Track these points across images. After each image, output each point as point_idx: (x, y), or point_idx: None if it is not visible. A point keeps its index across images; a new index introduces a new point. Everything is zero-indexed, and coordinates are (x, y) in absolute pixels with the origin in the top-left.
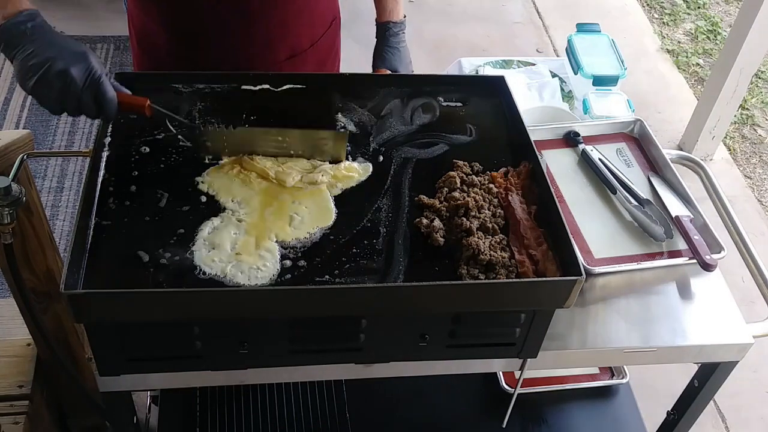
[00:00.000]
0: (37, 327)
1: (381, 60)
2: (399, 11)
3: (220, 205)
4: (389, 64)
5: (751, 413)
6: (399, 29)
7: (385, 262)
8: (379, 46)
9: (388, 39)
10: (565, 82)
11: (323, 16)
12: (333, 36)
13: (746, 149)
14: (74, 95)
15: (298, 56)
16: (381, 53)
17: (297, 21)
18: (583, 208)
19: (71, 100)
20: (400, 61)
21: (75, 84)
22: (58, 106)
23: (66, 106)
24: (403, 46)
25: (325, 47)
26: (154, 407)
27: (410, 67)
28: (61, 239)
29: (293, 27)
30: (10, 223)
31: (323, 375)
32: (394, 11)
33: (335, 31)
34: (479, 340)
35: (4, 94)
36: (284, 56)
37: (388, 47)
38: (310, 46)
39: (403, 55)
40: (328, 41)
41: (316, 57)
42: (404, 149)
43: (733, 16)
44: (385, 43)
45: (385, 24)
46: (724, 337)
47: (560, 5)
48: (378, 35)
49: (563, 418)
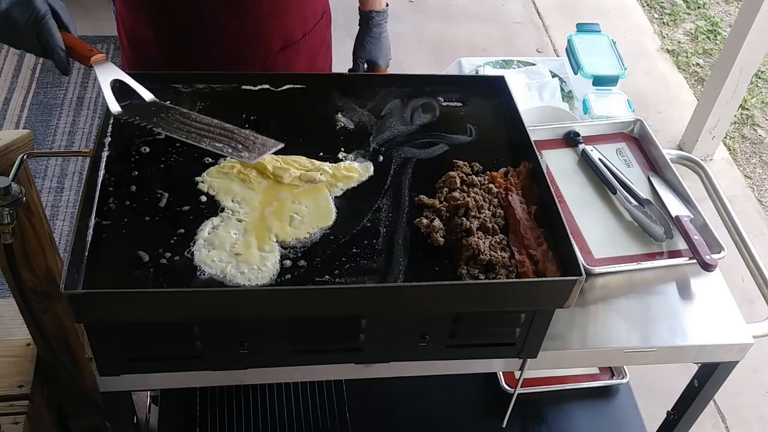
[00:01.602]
0: (37, 327)
1: (362, 50)
2: (382, 1)
3: (220, 205)
4: (369, 54)
5: (751, 413)
6: (381, 19)
7: (385, 262)
8: (361, 35)
9: (371, 29)
10: (565, 82)
11: (314, 8)
12: (324, 30)
13: (746, 149)
14: (17, 37)
15: (290, 48)
16: (362, 42)
17: (289, 9)
18: (583, 208)
19: (15, 41)
20: (379, 51)
21: (17, 24)
22: (10, 44)
23: (15, 45)
24: (385, 35)
25: (317, 40)
26: (154, 407)
27: (389, 57)
28: (61, 239)
29: (285, 16)
30: (10, 223)
31: (323, 375)
32: (377, 1)
33: (326, 25)
34: (479, 340)
35: (4, 94)
36: (277, 47)
37: (370, 37)
38: (302, 36)
39: (383, 45)
40: (319, 34)
41: (308, 49)
42: (404, 149)
43: (733, 16)
44: (367, 32)
45: (368, 13)
46: (724, 337)
47: (560, 5)
48: (360, 24)
49: (563, 418)
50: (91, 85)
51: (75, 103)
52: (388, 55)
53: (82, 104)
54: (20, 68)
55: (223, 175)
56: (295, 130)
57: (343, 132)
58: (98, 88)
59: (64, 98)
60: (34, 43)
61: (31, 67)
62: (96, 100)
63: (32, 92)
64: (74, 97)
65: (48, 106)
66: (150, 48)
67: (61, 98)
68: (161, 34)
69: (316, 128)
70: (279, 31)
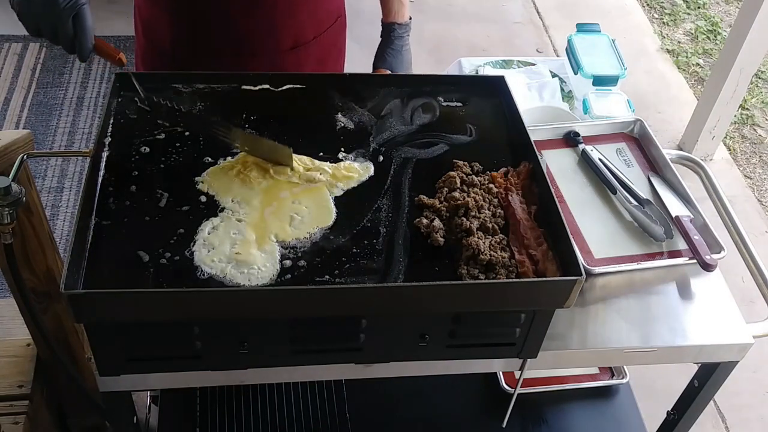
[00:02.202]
0: (37, 327)
1: (382, 61)
2: (404, 13)
3: (219, 205)
4: (389, 66)
5: (751, 413)
6: (404, 31)
7: (385, 262)
8: (382, 47)
9: (392, 41)
10: (565, 82)
11: (328, 11)
12: (336, 34)
13: (746, 149)
14: (53, 15)
15: (301, 48)
16: (383, 54)
17: (302, 9)
18: (583, 208)
19: (49, 20)
20: (400, 64)
21: (56, 3)
22: (36, 24)
23: (43, 25)
24: (406, 48)
25: (328, 43)
26: (154, 407)
27: (410, 71)
28: (61, 239)
29: (298, 16)
30: (10, 223)
31: (323, 375)
32: (399, 13)
33: (339, 30)
34: (479, 340)
35: (4, 94)
36: (288, 46)
37: (391, 49)
38: (313, 38)
39: (404, 58)
40: (331, 37)
41: (318, 51)
42: (404, 149)
43: (733, 16)
44: (388, 44)
45: (390, 25)
46: (724, 337)
47: (560, 5)
48: (382, 35)
49: (563, 418)
50: (91, 85)
51: (75, 103)
52: (409, 68)
53: (82, 104)
54: (20, 68)
55: (223, 175)
56: (295, 130)
57: (343, 132)
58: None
59: (64, 98)
60: (67, 26)
61: (31, 67)
62: (96, 100)
63: (32, 92)
64: (74, 97)
65: (48, 106)
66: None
67: (61, 98)
68: (176, 28)
69: (316, 128)
70: (290, 30)
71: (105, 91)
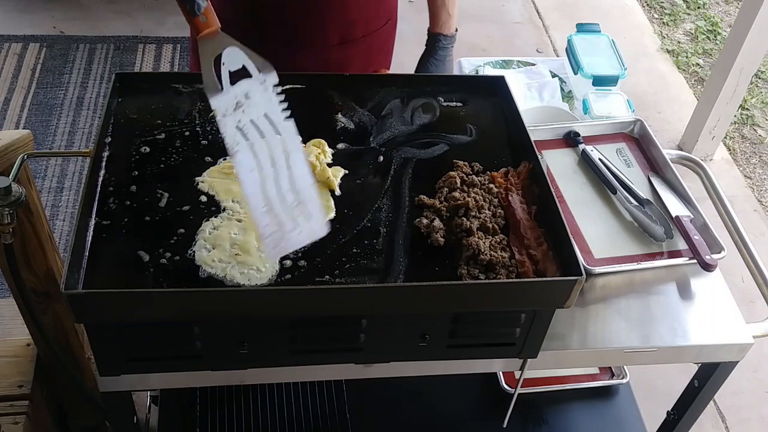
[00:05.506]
0: (37, 327)
1: (424, 69)
2: (451, 25)
3: (220, 205)
4: None
5: (751, 413)
6: (448, 43)
7: (385, 262)
8: (426, 56)
9: (436, 51)
10: (565, 82)
11: (378, 12)
12: (386, 36)
13: (746, 149)
14: None
15: (348, 44)
16: (425, 63)
17: (352, 6)
18: (583, 208)
19: None
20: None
21: None
22: None
23: None
24: (449, 60)
25: (377, 44)
26: (154, 407)
27: None
28: (61, 239)
29: (348, 12)
30: (10, 223)
31: (323, 375)
32: (447, 24)
33: (389, 32)
34: (479, 340)
35: (4, 94)
36: (335, 41)
37: (434, 58)
38: (361, 36)
39: (446, 69)
40: (380, 39)
41: (366, 51)
42: (404, 149)
43: (733, 16)
44: (432, 53)
45: (436, 35)
46: (724, 337)
47: (560, 5)
48: (427, 44)
49: (563, 418)
50: (91, 85)
51: (75, 103)
52: None
53: (82, 104)
54: (20, 68)
55: (223, 175)
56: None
57: (343, 132)
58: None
59: (64, 98)
60: None
61: (31, 67)
62: (96, 100)
63: (32, 92)
64: (74, 97)
65: (48, 106)
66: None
67: (61, 98)
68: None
69: (316, 128)
70: (338, 25)
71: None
